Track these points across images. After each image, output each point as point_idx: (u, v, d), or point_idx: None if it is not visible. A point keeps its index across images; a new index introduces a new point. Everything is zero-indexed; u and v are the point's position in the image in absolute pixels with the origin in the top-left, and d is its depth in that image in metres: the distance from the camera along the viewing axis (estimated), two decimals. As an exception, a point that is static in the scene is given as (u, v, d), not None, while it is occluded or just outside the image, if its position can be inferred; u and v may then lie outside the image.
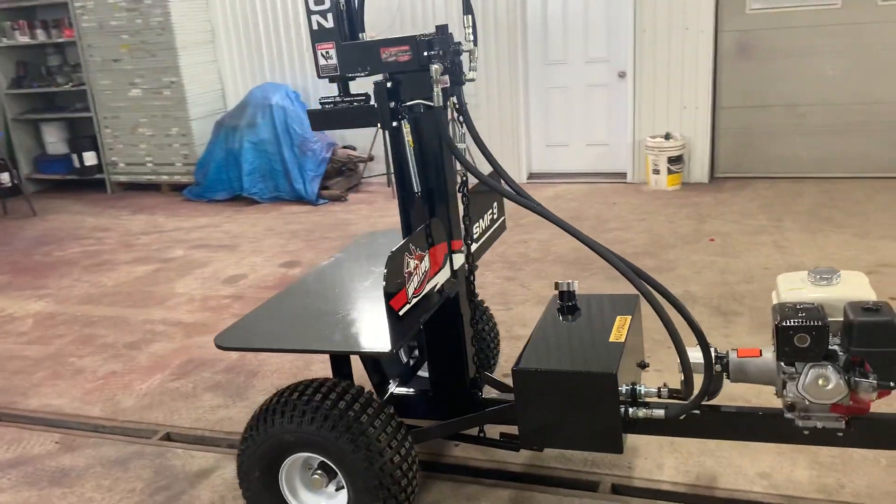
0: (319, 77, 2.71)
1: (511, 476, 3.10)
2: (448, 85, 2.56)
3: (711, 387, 2.47)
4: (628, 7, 7.40)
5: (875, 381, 2.25)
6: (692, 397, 2.50)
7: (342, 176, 8.37)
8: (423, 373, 3.32)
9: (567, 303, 2.96)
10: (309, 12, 2.62)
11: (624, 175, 7.88)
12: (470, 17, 2.52)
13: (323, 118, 2.80)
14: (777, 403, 2.51)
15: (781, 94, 7.44)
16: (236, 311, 5.05)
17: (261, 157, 8.05)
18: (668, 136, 7.43)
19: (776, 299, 2.54)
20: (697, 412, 2.52)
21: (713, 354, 2.49)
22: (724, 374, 2.55)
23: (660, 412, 2.53)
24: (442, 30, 2.54)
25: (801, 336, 2.26)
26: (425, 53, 2.51)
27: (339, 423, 2.43)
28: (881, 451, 2.94)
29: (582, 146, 8.09)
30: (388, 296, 2.34)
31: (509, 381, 2.69)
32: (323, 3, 2.60)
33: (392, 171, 3.34)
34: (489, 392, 3.14)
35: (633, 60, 7.54)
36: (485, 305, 3.66)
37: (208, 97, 8.79)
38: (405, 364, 3.36)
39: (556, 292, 3.01)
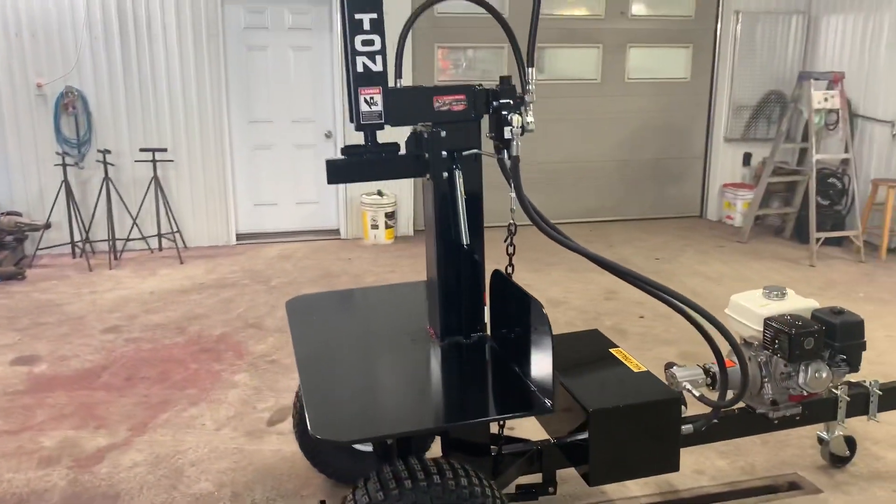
0: (358, 126, 2.44)
1: (513, 529, 3.07)
2: (521, 135, 2.57)
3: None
4: (335, 67, 7.62)
5: (847, 368, 2.92)
6: (714, 409, 2.87)
7: (7, 249, 6.82)
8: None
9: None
10: (354, 52, 2.36)
11: (337, 231, 8.00)
12: (532, 70, 2.54)
13: (350, 170, 2.53)
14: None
15: (465, 154, 8.42)
16: (4, 427, 3.85)
17: None
18: (380, 193, 7.81)
19: (740, 315, 3.09)
20: (716, 421, 2.90)
21: (705, 369, 2.94)
22: (712, 385, 3.00)
23: (688, 427, 2.85)
24: (507, 81, 2.53)
25: (808, 340, 2.82)
26: (495, 103, 2.49)
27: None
28: (758, 435, 3.63)
29: (291, 205, 7.97)
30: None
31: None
32: (372, 43, 2.37)
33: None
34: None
35: (339, 121, 7.76)
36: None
37: None
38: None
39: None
